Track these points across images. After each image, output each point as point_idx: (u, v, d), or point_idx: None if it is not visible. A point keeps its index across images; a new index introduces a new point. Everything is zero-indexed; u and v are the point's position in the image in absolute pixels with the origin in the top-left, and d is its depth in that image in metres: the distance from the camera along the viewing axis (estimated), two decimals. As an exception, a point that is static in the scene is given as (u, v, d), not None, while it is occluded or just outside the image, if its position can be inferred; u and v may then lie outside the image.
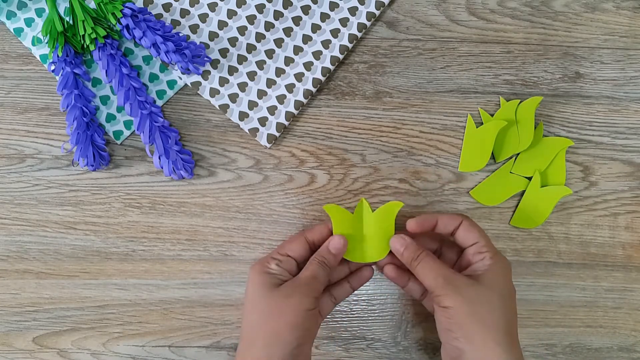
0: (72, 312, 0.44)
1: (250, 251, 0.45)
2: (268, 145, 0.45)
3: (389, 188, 0.46)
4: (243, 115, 0.45)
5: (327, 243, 0.40)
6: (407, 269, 0.40)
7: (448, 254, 0.42)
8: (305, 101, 0.45)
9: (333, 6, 0.46)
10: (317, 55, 0.46)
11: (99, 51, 0.42)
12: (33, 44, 0.45)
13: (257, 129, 0.45)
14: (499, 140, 0.46)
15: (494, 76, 0.47)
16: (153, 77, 0.45)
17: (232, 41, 0.45)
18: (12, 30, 0.45)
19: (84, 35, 0.41)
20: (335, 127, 0.46)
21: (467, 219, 0.40)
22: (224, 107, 0.45)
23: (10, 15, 0.45)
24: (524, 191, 0.46)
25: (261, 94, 0.45)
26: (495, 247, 0.39)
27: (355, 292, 0.45)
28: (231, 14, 0.46)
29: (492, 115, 0.47)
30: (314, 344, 0.45)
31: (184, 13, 0.45)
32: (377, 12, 0.46)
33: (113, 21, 0.41)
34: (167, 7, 0.45)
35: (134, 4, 0.42)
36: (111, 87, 0.45)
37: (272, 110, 0.45)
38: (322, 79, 0.46)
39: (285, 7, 0.46)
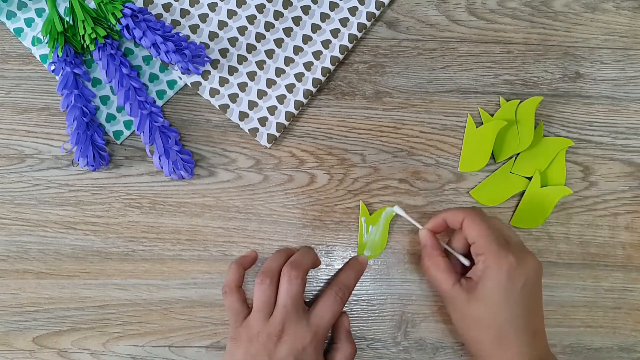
0: (72, 312, 0.44)
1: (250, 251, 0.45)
2: (268, 145, 0.45)
3: (389, 188, 0.46)
4: (243, 115, 0.45)
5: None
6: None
7: None
8: (305, 101, 0.45)
9: (333, 6, 0.46)
10: (317, 55, 0.46)
11: (99, 51, 0.42)
12: (33, 44, 0.45)
13: (257, 129, 0.45)
14: (499, 140, 0.46)
15: (494, 76, 0.47)
16: (153, 77, 0.45)
17: (232, 41, 0.45)
18: (12, 30, 0.45)
19: (84, 35, 0.41)
20: (335, 127, 0.46)
21: (470, 214, 0.40)
22: (224, 107, 0.45)
23: (10, 15, 0.45)
24: (524, 191, 0.46)
25: (261, 94, 0.45)
26: (497, 242, 0.38)
27: (355, 292, 0.45)
28: (231, 14, 0.46)
29: (492, 115, 0.47)
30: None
31: (184, 13, 0.45)
32: (377, 12, 0.46)
33: (113, 21, 0.41)
34: (167, 7, 0.45)
35: (134, 4, 0.42)
36: (111, 87, 0.45)
37: (272, 110, 0.45)
38: (322, 79, 0.46)
39: (285, 7, 0.46)
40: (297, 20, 0.46)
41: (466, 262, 0.41)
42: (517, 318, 0.38)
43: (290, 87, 0.45)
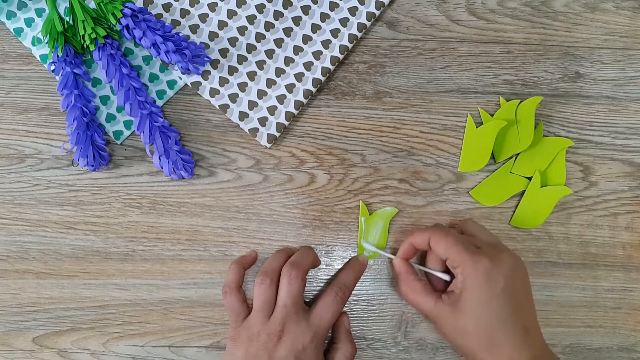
0: (72, 312, 0.44)
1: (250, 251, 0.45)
2: (268, 145, 0.45)
3: (389, 188, 0.46)
4: (243, 115, 0.45)
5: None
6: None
7: None
8: (305, 101, 0.45)
9: (333, 6, 0.46)
10: (317, 55, 0.46)
11: (99, 51, 0.42)
12: (33, 44, 0.45)
13: (257, 129, 0.45)
14: (499, 140, 0.46)
15: (494, 76, 0.47)
16: (153, 77, 0.45)
17: (232, 41, 0.45)
18: (12, 30, 0.45)
19: (84, 35, 0.41)
20: (335, 127, 0.46)
21: (433, 232, 0.40)
22: (224, 107, 0.45)
23: (10, 15, 0.45)
24: (524, 191, 0.46)
25: (261, 94, 0.45)
26: (467, 250, 0.38)
27: (355, 292, 0.45)
28: (231, 14, 0.46)
29: (492, 115, 0.47)
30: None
31: (184, 13, 0.45)
32: (377, 12, 0.46)
33: (113, 21, 0.41)
34: (167, 7, 0.45)
35: (134, 4, 0.42)
36: (111, 87, 0.45)
37: (272, 110, 0.45)
38: (322, 79, 0.46)
39: (285, 7, 0.46)
40: (297, 20, 0.46)
41: (446, 278, 0.41)
42: (505, 319, 0.38)
43: (290, 87, 0.45)
